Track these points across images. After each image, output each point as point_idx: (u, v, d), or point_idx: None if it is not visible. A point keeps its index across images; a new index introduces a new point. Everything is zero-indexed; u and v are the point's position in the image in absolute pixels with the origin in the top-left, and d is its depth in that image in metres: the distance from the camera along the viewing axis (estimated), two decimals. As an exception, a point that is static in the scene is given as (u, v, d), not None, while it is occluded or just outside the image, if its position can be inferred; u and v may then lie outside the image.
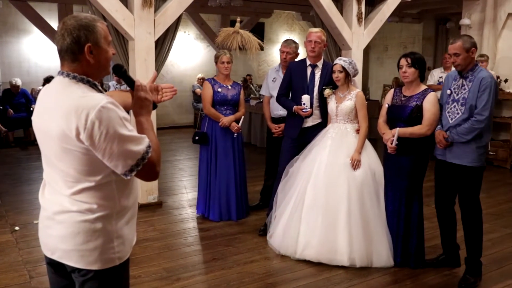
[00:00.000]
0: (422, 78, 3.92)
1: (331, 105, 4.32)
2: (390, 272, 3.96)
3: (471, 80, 3.63)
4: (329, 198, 4.04)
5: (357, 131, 4.23)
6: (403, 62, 3.87)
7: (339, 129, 4.27)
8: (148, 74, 5.37)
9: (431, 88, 3.95)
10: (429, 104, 3.79)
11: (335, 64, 4.26)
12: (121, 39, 5.37)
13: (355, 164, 4.07)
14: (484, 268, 4.05)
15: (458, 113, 3.68)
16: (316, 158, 4.20)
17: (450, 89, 3.78)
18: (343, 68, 4.21)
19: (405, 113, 3.85)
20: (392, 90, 4.12)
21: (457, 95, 3.70)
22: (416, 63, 3.82)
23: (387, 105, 4.02)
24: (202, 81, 11.38)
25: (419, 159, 3.90)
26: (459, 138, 3.64)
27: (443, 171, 3.86)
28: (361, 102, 4.23)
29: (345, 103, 4.23)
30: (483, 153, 3.69)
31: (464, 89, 3.66)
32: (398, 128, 3.85)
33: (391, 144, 3.84)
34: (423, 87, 3.91)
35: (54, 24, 8.56)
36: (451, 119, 3.72)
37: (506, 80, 8.14)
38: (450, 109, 3.75)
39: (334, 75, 4.25)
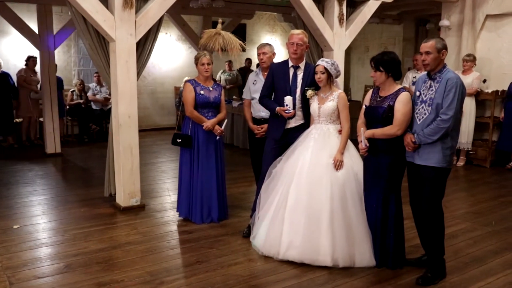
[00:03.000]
0: (396, 77, 3.94)
1: (314, 106, 4.32)
2: (373, 272, 3.98)
3: (438, 82, 3.68)
4: (312, 199, 4.05)
5: (340, 131, 4.24)
6: (371, 66, 3.94)
7: (321, 130, 4.27)
8: (130, 75, 5.33)
9: (405, 89, 3.98)
10: (400, 104, 3.82)
11: (318, 65, 4.27)
12: (102, 41, 5.32)
13: (338, 165, 4.09)
14: (466, 267, 4.12)
15: (425, 114, 3.73)
16: (299, 159, 4.20)
17: (419, 91, 3.84)
18: (326, 69, 4.22)
19: (378, 114, 3.90)
20: (371, 90, 4.15)
21: (425, 96, 3.76)
22: (379, 65, 3.87)
23: (364, 106, 4.06)
24: None
25: (397, 159, 3.94)
26: (425, 139, 3.67)
27: (413, 173, 3.90)
28: (343, 103, 4.24)
29: (327, 104, 4.25)
30: (449, 154, 3.72)
31: (432, 90, 3.71)
32: (362, 129, 3.92)
33: (363, 146, 3.91)
34: (398, 87, 3.93)
35: (33, 25, 8.42)
36: (419, 120, 3.77)
37: (484, 81, 8.26)
38: (419, 110, 3.79)
39: (317, 76, 4.26)
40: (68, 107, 10.41)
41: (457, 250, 4.49)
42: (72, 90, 10.59)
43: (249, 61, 12.58)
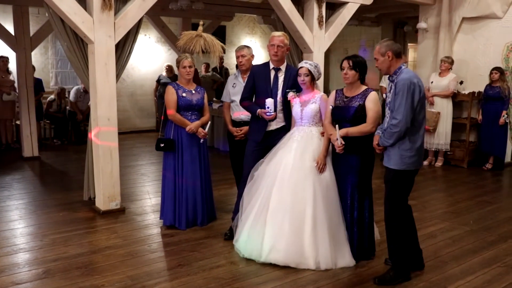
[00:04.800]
0: (363, 80, 4.09)
1: (296, 108, 4.34)
2: (355, 272, 4.01)
3: (396, 84, 3.75)
4: (295, 202, 4.06)
5: (322, 134, 4.26)
6: (345, 64, 4.04)
7: (304, 132, 4.29)
8: (109, 78, 5.27)
9: (371, 88, 4.11)
10: (372, 103, 3.97)
11: (301, 67, 4.29)
12: (80, 42, 5.25)
13: (321, 168, 4.11)
14: (445, 265, 4.17)
15: (387, 117, 3.82)
16: (282, 161, 4.21)
17: (385, 94, 3.94)
18: (309, 71, 4.25)
19: (349, 113, 4.00)
20: (334, 92, 4.24)
21: (389, 98, 3.84)
22: (357, 66, 4.00)
23: (331, 107, 4.13)
24: (170, 68, 11.15)
25: (366, 157, 4.06)
26: (384, 142, 3.74)
27: (384, 173, 3.99)
28: (325, 105, 4.27)
29: (309, 106, 4.27)
30: (408, 156, 3.68)
31: (391, 92, 3.80)
32: (337, 126, 3.98)
33: (339, 144, 3.95)
34: (364, 87, 4.08)
35: (9, 26, 8.27)
36: (386, 122, 3.86)
37: (461, 82, 8.40)
38: (386, 113, 3.89)
39: (300, 79, 4.28)
40: (45, 112, 10.18)
41: (436, 250, 4.55)
42: (51, 100, 10.21)
43: (220, 58, 12.38)
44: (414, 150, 3.70)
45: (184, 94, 4.93)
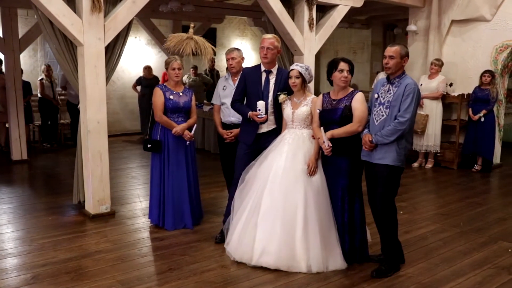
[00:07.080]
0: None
1: (287, 110, 4.33)
2: (347, 275, 4.00)
3: (397, 86, 3.88)
4: (286, 204, 4.04)
5: (313, 136, 4.25)
6: (344, 66, 4.05)
7: (295, 134, 4.29)
8: (99, 80, 5.23)
9: (357, 90, 4.17)
10: (358, 103, 4.02)
11: (292, 69, 4.29)
12: (70, 45, 5.20)
13: (312, 170, 4.11)
14: (436, 267, 4.18)
15: (382, 115, 3.91)
16: (273, 164, 4.20)
17: (377, 93, 4.03)
18: (300, 74, 4.24)
19: (336, 115, 4.05)
20: (321, 95, 4.28)
21: (383, 98, 3.94)
22: (353, 70, 4.09)
23: (318, 111, 4.15)
24: (148, 70, 11.15)
25: (355, 159, 4.09)
26: (383, 139, 3.85)
27: (369, 172, 4.06)
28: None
29: (301, 109, 4.26)
30: (403, 154, 3.92)
31: (390, 93, 3.90)
32: (322, 129, 4.02)
33: (326, 146, 3.98)
34: (350, 89, 4.14)
35: (-3, 28, 8.21)
36: (376, 121, 3.95)
37: (451, 84, 8.44)
38: (376, 112, 3.98)
39: (291, 81, 4.27)
40: (40, 96, 9.95)
41: (427, 252, 4.56)
42: (40, 78, 10.02)
43: (212, 60, 12.33)
44: (406, 149, 3.95)
45: (171, 97, 4.93)
